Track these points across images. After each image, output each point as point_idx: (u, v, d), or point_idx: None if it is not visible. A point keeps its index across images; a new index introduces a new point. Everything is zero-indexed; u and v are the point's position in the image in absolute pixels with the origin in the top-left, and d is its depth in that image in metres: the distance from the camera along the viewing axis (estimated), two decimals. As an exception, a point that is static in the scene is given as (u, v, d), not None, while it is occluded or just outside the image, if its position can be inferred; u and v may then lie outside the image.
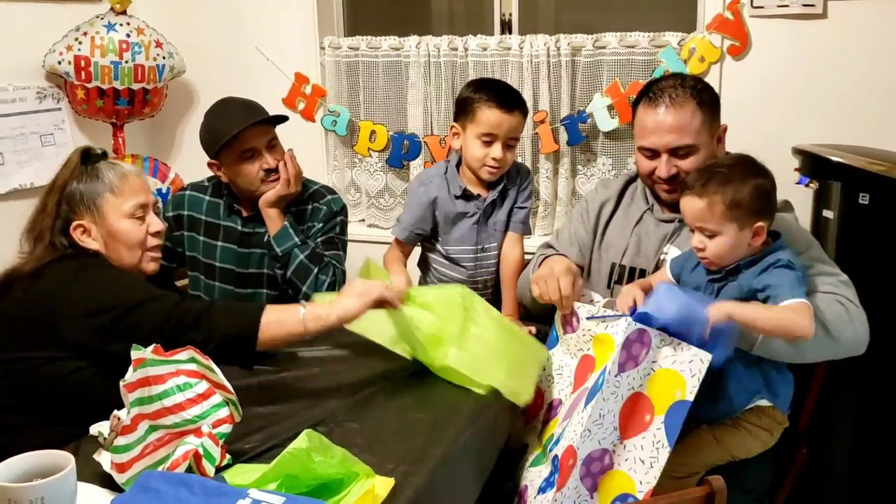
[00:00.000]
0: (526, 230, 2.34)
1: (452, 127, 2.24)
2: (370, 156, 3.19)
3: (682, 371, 1.62)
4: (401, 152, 3.10)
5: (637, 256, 2.05)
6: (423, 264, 2.43)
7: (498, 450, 1.80)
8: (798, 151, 2.42)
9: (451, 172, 2.28)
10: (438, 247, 2.34)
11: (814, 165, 2.36)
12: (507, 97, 2.17)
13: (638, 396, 1.64)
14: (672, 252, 2.02)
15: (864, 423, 2.36)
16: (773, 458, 1.92)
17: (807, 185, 2.35)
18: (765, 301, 1.70)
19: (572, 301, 1.90)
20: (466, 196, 2.26)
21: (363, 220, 3.30)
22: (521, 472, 1.83)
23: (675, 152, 1.92)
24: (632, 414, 1.64)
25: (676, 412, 1.59)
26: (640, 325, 1.64)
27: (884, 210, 2.24)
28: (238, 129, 2.24)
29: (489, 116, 2.14)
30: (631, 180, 2.18)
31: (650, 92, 1.97)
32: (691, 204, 1.74)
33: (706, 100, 1.93)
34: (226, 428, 1.45)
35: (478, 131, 2.16)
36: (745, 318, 1.65)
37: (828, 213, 2.31)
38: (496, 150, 2.16)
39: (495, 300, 2.31)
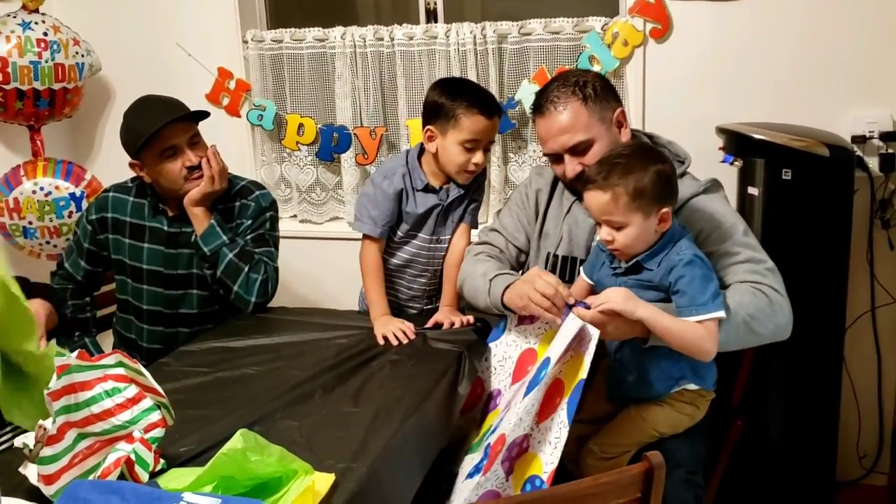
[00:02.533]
0: (475, 222, 2.34)
1: (427, 130, 2.18)
2: (299, 150, 3.14)
3: (582, 352, 1.65)
4: (330, 145, 3.06)
5: (570, 245, 2.07)
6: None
7: (443, 438, 1.79)
8: (722, 130, 2.47)
9: (413, 164, 2.24)
10: (394, 237, 2.29)
11: (738, 144, 2.41)
12: (488, 104, 2.16)
13: (556, 382, 1.68)
14: None
15: (793, 394, 2.43)
16: (705, 432, 1.95)
17: (731, 164, 2.40)
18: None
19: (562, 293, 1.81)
20: (427, 189, 2.23)
21: (295, 216, 3.25)
22: (461, 462, 1.83)
23: (574, 151, 1.94)
24: (548, 398, 1.67)
25: (577, 392, 1.61)
26: (581, 323, 1.66)
27: (806, 184, 2.31)
28: (157, 126, 2.18)
29: (474, 124, 2.12)
30: None
31: (538, 101, 2.00)
32: (596, 198, 1.73)
33: (590, 93, 1.94)
34: (158, 432, 1.41)
35: (461, 138, 2.13)
36: (656, 325, 1.68)
37: (753, 190, 2.37)
38: (478, 156, 2.15)
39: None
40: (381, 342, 2.07)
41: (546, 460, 1.63)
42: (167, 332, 2.39)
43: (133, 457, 1.34)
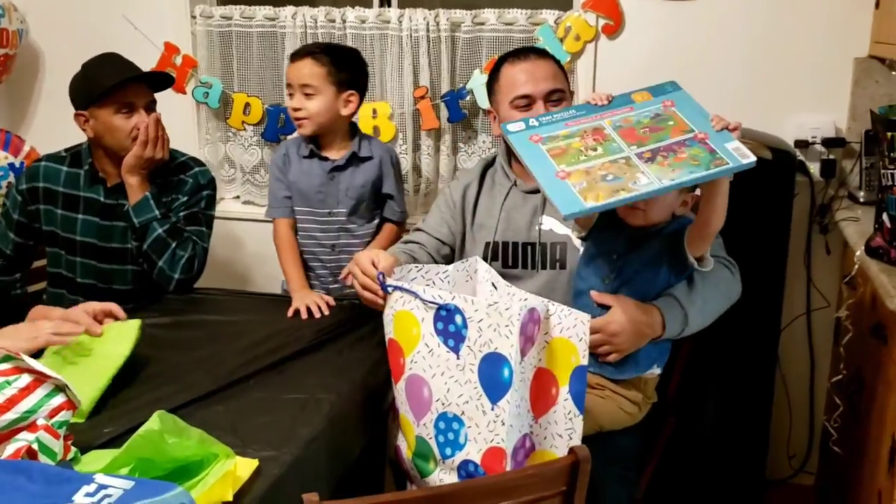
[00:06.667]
0: (402, 217, 2.42)
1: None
2: (245, 129, 3.08)
3: (570, 337, 1.57)
4: (277, 126, 3.00)
5: (508, 230, 2.08)
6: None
7: (370, 423, 1.77)
8: (668, 129, 2.48)
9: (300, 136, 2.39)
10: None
11: (682, 143, 2.41)
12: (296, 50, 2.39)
13: (539, 372, 1.59)
14: (548, 223, 2.06)
15: (727, 393, 2.45)
16: (641, 429, 1.96)
17: (676, 163, 2.41)
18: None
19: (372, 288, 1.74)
20: (313, 156, 2.36)
21: (238, 197, 3.18)
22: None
23: (550, 98, 2.03)
24: (538, 391, 1.59)
25: (577, 379, 1.55)
26: (530, 305, 1.54)
27: (747, 186, 2.31)
28: (123, 77, 2.16)
29: (287, 72, 2.36)
30: (489, 165, 2.23)
31: (517, 50, 2.13)
32: None
33: (562, 66, 2.14)
34: (65, 415, 1.33)
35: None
36: None
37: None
38: (295, 101, 2.29)
39: None
40: (292, 315, 2.13)
41: (564, 453, 1.52)
42: (99, 309, 2.33)
43: (36, 446, 1.26)
